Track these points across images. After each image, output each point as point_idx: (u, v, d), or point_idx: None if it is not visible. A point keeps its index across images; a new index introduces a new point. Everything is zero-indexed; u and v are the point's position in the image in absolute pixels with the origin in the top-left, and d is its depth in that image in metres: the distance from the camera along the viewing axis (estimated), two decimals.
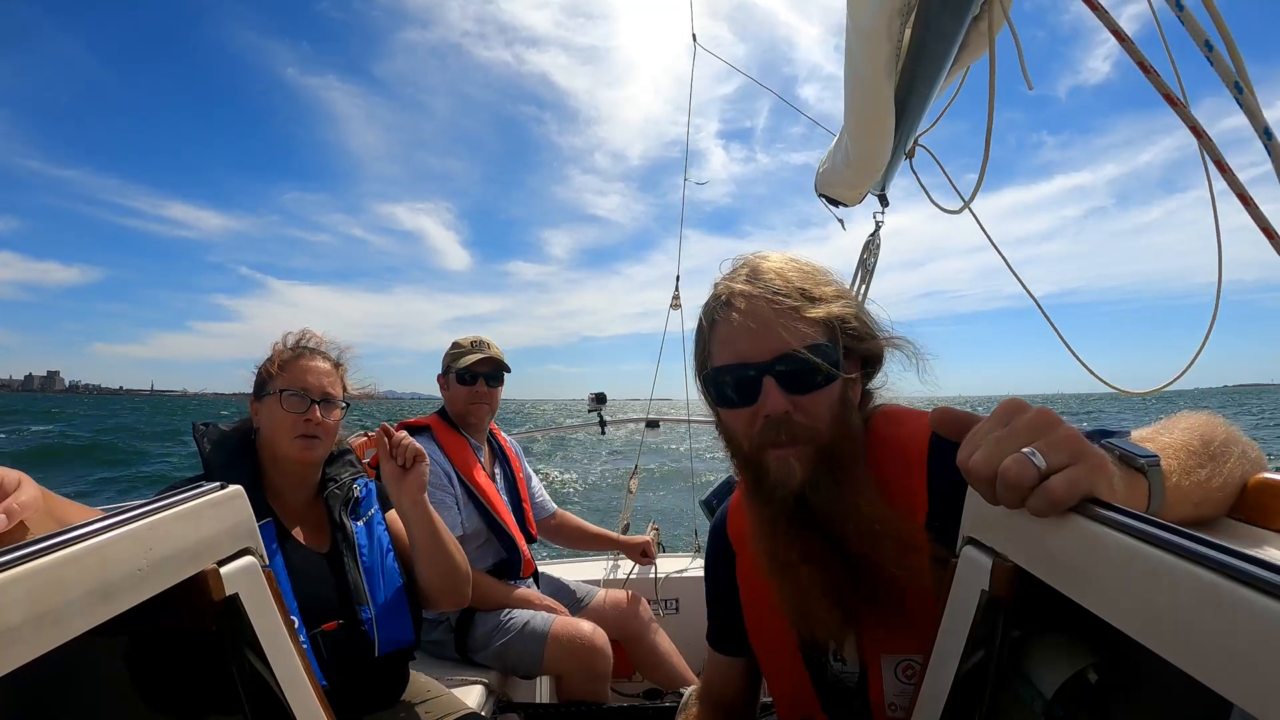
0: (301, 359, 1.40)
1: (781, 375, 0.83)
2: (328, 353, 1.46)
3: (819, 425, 0.84)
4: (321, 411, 1.36)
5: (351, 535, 1.40)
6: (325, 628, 1.28)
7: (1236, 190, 0.71)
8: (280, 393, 1.35)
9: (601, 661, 1.97)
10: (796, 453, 0.83)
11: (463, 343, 2.26)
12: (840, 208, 2.51)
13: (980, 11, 1.32)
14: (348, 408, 1.46)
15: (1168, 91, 0.75)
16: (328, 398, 1.38)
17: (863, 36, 1.40)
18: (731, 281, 0.89)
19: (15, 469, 0.69)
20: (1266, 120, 0.71)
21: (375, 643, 1.33)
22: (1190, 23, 0.71)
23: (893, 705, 0.89)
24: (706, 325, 0.91)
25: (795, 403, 0.83)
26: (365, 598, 1.35)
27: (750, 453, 0.87)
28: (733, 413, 0.88)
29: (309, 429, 1.34)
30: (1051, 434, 0.54)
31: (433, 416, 2.22)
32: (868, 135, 1.75)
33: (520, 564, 2.12)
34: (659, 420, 3.70)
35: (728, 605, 1.07)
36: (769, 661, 1.04)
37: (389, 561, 1.44)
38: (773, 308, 0.84)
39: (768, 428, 0.83)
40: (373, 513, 1.48)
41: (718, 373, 0.87)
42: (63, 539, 0.52)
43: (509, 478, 2.31)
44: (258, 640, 0.75)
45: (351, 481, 1.49)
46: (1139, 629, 0.44)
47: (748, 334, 0.84)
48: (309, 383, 1.36)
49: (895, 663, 0.88)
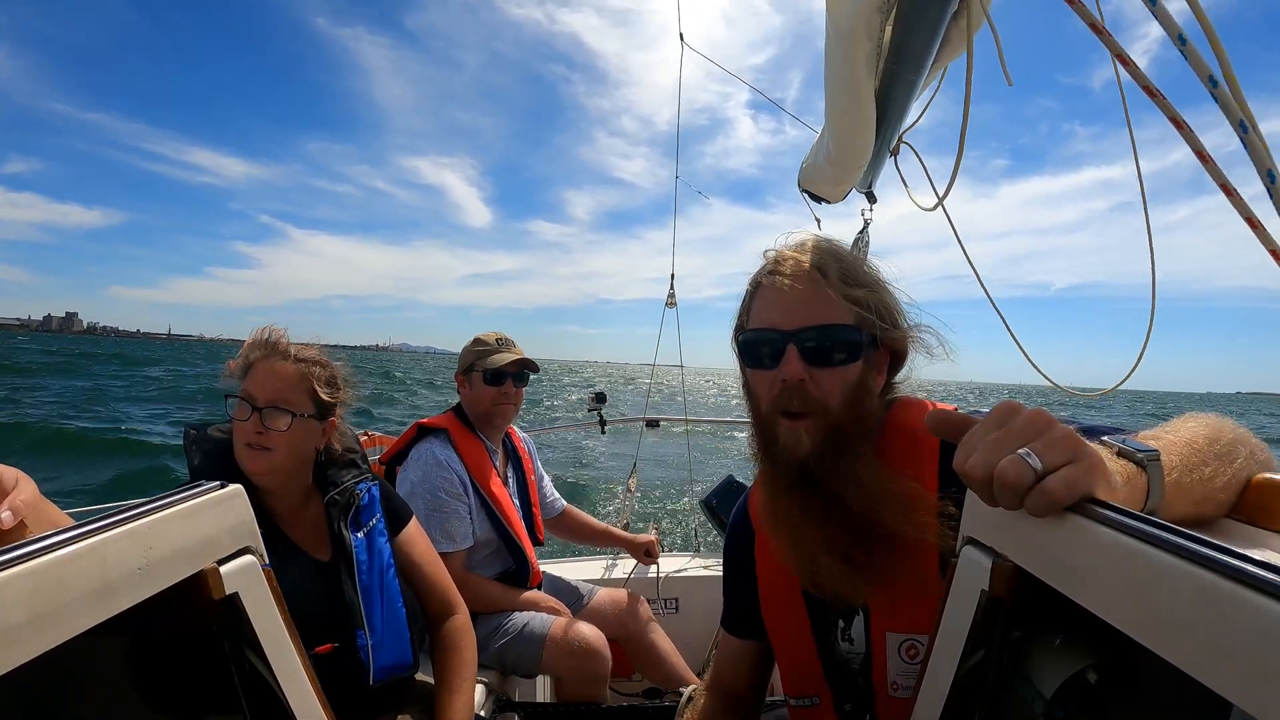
0: (263, 361, 1.31)
1: (804, 346, 0.88)
2: (297, 355, 1.34)
3: (830, 401, 0.88)
4: (265, 421, 1.25)
5: (350, 550, 1.33)
6: (319, 650, 1.21)
7: (1244, 214, 0.71)
8: (226, 398, 1.29)
9: (599, 665, 1.96)
10: (807, 425, 0.88)
11: (487, 340, 2.16)
12: (823, 204, 2.50)
13: (960, 9, 1.31)
14: (317, 415, 1.33)
15: (1174, 115, 0.75)
16: (274, 404, 1.26)
17: (842, 34, 1.39)
18: (781, 253, 0.95)
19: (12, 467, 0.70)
20: (1272, 162, 0.71)
21: (370, 670, 1.28)
22: (1193, 57, 0.71)
23: (895, 685, 0.92)
24: (751, 289, 0.97)
25: (812, 374, 0.88)
26: (362, 621, 1.29)
27: (766, 415, 0.93)
28: (757, 374, 0.94)
29: (254, 439, 1.25)
30: (1047, 434, 0.55)
31: (448, 417, 2.13)
32: (849, 133, 1.74)
33: (528, 574, 2.08)
34: (659, 420, 3.70)
35: (745, 585, 1.11)
36: (781, 640, 1.06)
37: (389, 578, 1.37)
38: (812, 283, 0.89)
39: (783, 392, 0.89)
40: (375, 522, 1.40)
41: (751, 334, 0.94)
42: (62, 538, 0.52)
43: (520, 480, 2.26)
44: (258, 640, 0.75)
45: (354, 485, 1.40)
46: (1138, 629, 0.44)
47: (783, 303, 0.90)
48: (255, 388, 1.27)
49: (899, 642, 0.91)
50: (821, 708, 1.01)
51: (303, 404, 1.30)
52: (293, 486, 1.35)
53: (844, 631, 0.99)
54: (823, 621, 1.01)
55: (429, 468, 1.95)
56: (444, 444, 2.03)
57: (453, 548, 1.90)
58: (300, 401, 1.30)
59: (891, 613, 0.91)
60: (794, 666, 1.04)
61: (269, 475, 1.29)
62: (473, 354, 2.14)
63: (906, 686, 0.91)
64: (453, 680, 1.41)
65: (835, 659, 1.00)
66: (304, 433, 1.31)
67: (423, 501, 1.89)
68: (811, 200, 2.51)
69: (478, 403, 2.12)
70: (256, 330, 1.36)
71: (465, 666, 1.44)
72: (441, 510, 1.91)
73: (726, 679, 1.20)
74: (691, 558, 2.92)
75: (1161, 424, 0.72)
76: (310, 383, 1.32)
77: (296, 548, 1.32)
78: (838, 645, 1.00)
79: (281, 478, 1.32)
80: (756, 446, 0.97)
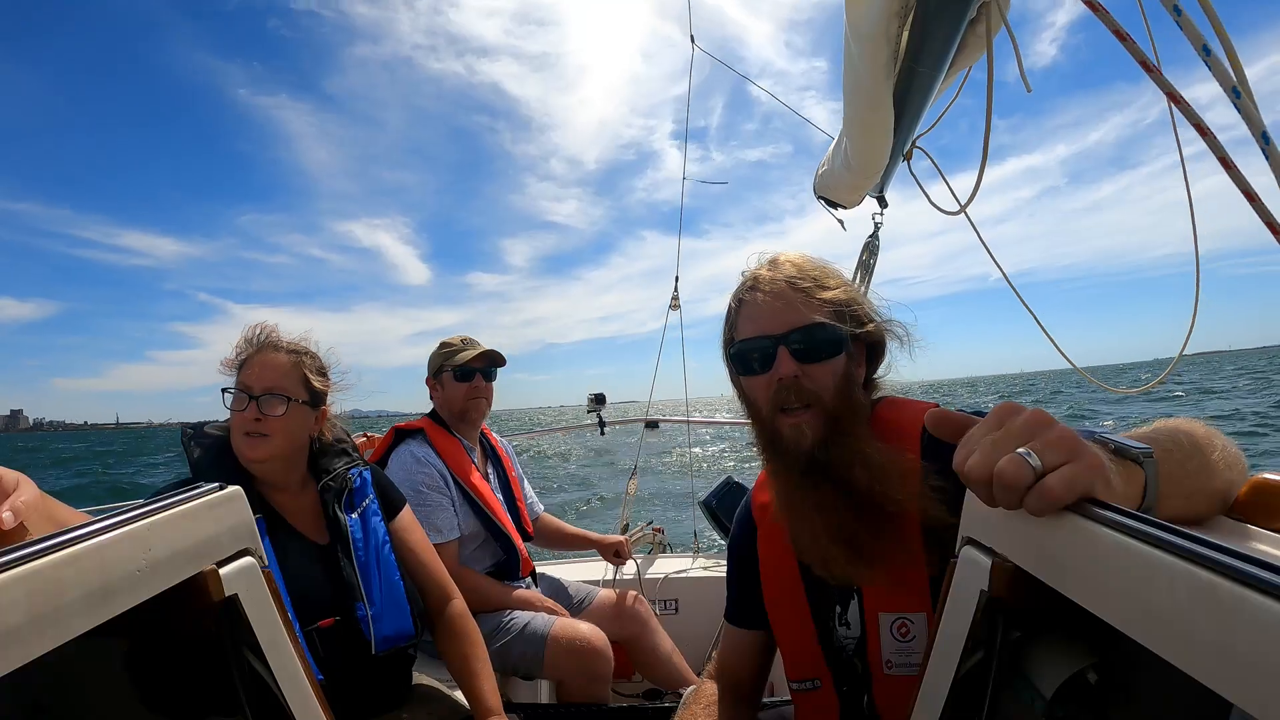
0: (257, 354, 1.38)
1: (793, 346, 0.98)
2: (289, 346, 1.42)
3: (824, 392, 0.97)
4: (262, 408, 1.32)
5: (346, 530, 1.39)
6: (321, 624, 1.28)
7: (1218, 154, 0.72)
8: (223, 391, 1.36)
9: (602, 664, 1.96)
10: (806, 418, 0.97)
11: (453, 342, 2.25)
12: (839, 209, 2.52)
13: (978, 14, 1.32)
14: (310, 402, 1.41)
15: (1144, 58, 0.75)
16: (270, 392, 1.33)
17: (861, 39, 1.40)
18: (756, 271, 1.05)
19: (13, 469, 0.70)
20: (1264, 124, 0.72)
21: (371, 640, 1.33)
22: (1188, 26, 0.72)
23: (889, 663, 0.98)
24: (734, 307, 1.06)
25: (804, 370, 0.97)
26: (361, 594, 1.34)
27: (767, 417, 1.01)
28: (753, 380, 1.02)
29: (250, 426, 1.32)
30: (1046, 434, 0.55)
31: (424, 420, 2.21)
32: (868, 137, 1.75)
33: (519, 564, 2.13)
34: (659, 420, 3.70)
35: (748, 577, 1.17)
36: (783, 628, 1.12)
37: (385, 554, 1.43)
38: (790, 291, 0.99)
39: (779, 391, 0.97)
40: (368, 502, 1.47)
41: (742, 344, 1.02)
42: (62, 539, 0.52)
43: (502, 477, 2.30)
44: (257, 641, 0.75)
45: (346, 471, 1.47)
46: (1138, 629, 0.44)
47: (768, 311, 0.99)
48: (251, 379, 1.35)
49: (891, 620, 0.98)
50: (823, 690, 1.07)
51: (297, 391, 1.38)
52: (291, 476, 1.41)
53: (841, 615, 1.05)
54: (821, 608, 1.07)
55: (408, 465, 2.01)
56: (421, 443, 2.09)
57: (441, 539, 1.94)
58: (294, 389, 1.37)
59: (883, 593, 0.98)
60: (795, 652, 1.10)
61: (267, 462, 1.35)
62: (440, 356, 2.23)
63: (900, 664, 0.98)
64: (473, 665, 1.47)
65: (834, 643, 1.06)
66: (299, 419, 1.39)
67: (407, 500, 1.92)
68: (828, 206, 2.52)
69: (451, 402, 2.19)
70: (248, 328, 1.44)
71: (479, 649, 1.51)
72: (425, 505, 1.95)
73: (729, 669, 1.26)
74: (692, 559, 2.92)
75: (1136, 428, 0.74)
76: (303, 371, 1.40)
77: (296, 533, 1.37)
78: (835, 629, 1.06)
79: (279, 465, 1.38)
80: (761, 447, 1.05)
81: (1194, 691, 0.40)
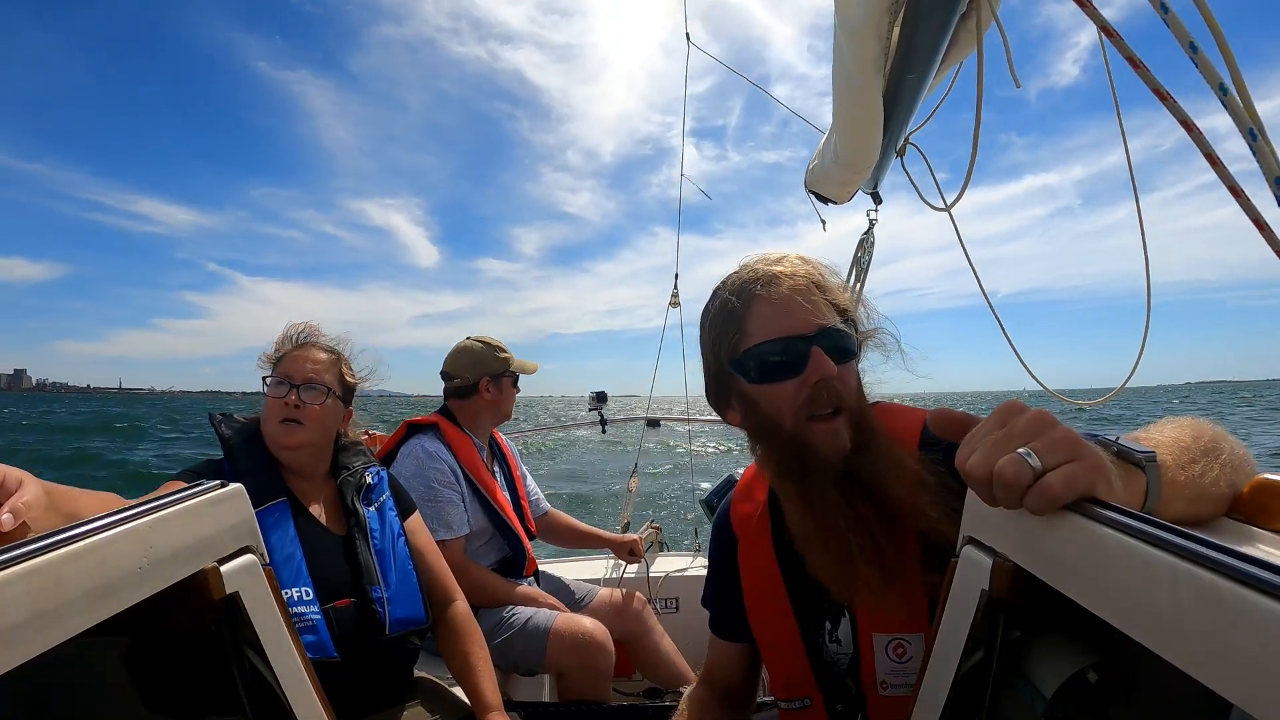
0: (298, 349, 1.48)
1: (827, 345, 0.89)
2: (327, 345, 1.53)
3: (851, 397, 0.91)
4: (302, 396, 1.41)
5: (364, 519, 1.46)
6: (338, 604, 1.33)
7: (1228, 183, 0.72)
8: (265, 379, 1.44)
9: (604, 658, 1.97)
10: (842, 422, 0.89)
11: (500, 345, 2.29)
12: (830, 205, 2.50)
13: (968, 10, 1.31)
14: (342, 397, 1.50)
15: (1157, 86, 0.75)
16: (309, 382, 1.42)
17: (851, 34, 1.40)
18: (769, 271, 0.94)
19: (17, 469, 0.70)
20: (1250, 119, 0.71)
21: (386, 622, 1.37)
22: (1175, 24, 0.72)
23: (884, 683, 0.93)
24: (740, 307, 0.93)
25: (838, 371, 0.90)
26: (377, 578, 1.40)
27: (793, 428, 0.90)
28: (776, 386, 0.91)
29: (289, 413, 1.40)
30: (1048, 434, 0.55)
31: (437, 415, 2.21)
32: (857, 133, 1.75)
33: (524, 561, 2.14)
34: (659, 420, 3.70)
35: (729, 591, 1.11)
36: (768, 644, 1.07)
37: (400, 546, 1.49)
38: (813, 286, 0.92)
39: (813, 396, 0.88)
40: (384, 499, 1.55)
41: (761, 348, 0.91)
42: (63, 537, 0.52)
43: (508, 476, 2.32)
44: (258, 639, 0.75)
45: (364, 469, 1.55)
46: (1138, 629, 0.43)
47: (794, 309, 0.90)
48: (292, 369, 1.43)
49: (886, 641, 0.92)
50: (813, 709, 1.01)
51: (334, 384, 1.48)
52: (318, 467, 1.49)
53: (831, 633, 1.00)
54: (810, 624, 1.01)
55: (420, 461, 2.02)
56: (433, 438, 2.10)
57: (451, 535, 1.95)
58: (332, 383, 1.47)
59: (877, 613, 0.92)
60: (783, 670, 1.04)
61: (299, 450, 1.42)
62: (502, 360, 2.27)
63: (897, 685, 0.92)
64: (474, 662, 1.51)
65: (824, 661, 1.00)
66: (333, 412, 1.48)
67: (417, 494, 1.93)
68: (818, 201, 2.50)
69: (506, 404, 2.28)
70: (289, 325, 1.54)
71: (480, 648, 1.55)
72: (436, 500, 1.96)
73: (719, 676, 1.21)
74: (692, 558, 2.91)
75: (1142, 428, 0.73)
76: (339, 366, 1.51)
77: (317, 523, 1.43)
78: (826, 647, 1.00)
79: (309, 454, 1.46)
80: (782, 465, 0.94)
81: (1194, 691, 0.40)
